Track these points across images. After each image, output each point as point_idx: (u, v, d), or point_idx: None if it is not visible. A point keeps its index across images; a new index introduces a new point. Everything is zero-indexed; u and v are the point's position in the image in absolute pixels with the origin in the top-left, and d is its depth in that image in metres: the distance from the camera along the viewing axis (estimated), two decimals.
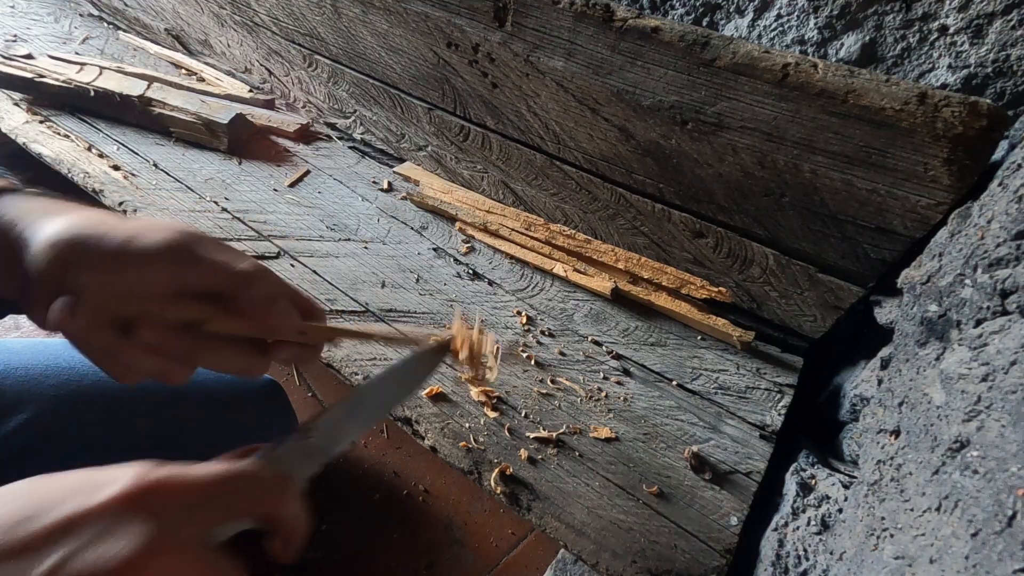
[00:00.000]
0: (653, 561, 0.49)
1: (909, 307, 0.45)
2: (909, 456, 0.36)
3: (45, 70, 0.96)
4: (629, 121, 0.61)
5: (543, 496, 0.52)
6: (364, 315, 0.67)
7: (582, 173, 0.71)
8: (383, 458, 0.82)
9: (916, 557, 0.30)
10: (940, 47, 0.52)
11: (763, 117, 0.53)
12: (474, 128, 0.77)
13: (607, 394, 0.62)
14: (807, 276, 0.61)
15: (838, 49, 0.58)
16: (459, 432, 0.56)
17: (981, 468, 0.27)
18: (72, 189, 1.05)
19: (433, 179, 0.88)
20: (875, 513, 0.37)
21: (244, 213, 0.79)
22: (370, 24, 0.77)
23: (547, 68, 0.63)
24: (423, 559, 0.72)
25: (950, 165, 0.46)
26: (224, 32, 1.00)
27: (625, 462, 0.56)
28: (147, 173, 0.84)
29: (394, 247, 0.78)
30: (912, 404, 0.38)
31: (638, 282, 0.73)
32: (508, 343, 0.66)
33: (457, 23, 0.67)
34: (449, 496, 0.78)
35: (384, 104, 0.86)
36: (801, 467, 0.51)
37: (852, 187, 0.52)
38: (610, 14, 0.56)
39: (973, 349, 0.33)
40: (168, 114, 0.91)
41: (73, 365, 0.51)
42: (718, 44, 0.52)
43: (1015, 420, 0.27)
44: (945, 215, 0.48)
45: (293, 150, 0.94)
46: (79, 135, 0.89)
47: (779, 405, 0.62)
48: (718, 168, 0.59)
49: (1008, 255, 0.34)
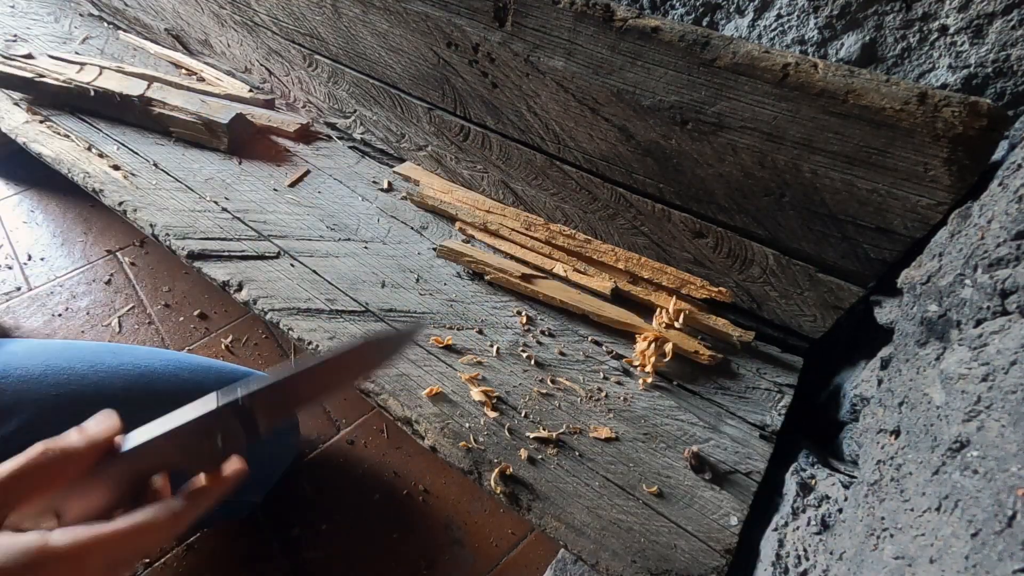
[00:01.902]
0: (653, 561, 0.49)
1: (909, 307, 0.45)
2: (909, 456, 0.36)
3: (45, 70, 0.96)
4: (629, 121, 0.61)
5: (543, 496, 0.52)
6: (364, 315, 0.67)
7: (582, 173, 0.71)
8: (383, 458, 0.82)
9: (916, 557, 0.30)
10: (940, 47, 0.52)
11: (763, 117, 0.53)
12: (474, 128, 0.77)
13: (607, 394, 0.62)
14: (807, 276, 0.61)
15: (838, 49, 0.58)
16: (459, 432, 0.56)
17: (981, 468, 0.27)
18: (72, 189, 1.05)
19: (433, 179, 0.88)
20: (875, 513, 0.37)
21: (244, 213, 0.79)
22: (370, 24, 0.77)
23: (547, 68, 0.63)
24: (423, 559, 0.72)
25: (950, 165, 0.46)
26: (224, 32, 1.00)
27: (625, 462, 0.56)
28: (147, 173, 0.84)
29: (394, 247, 0.78)
30: (912, 404, 0.38)
31: (638, 282, 0.73)
32: (508, 343, 0.66)
33: (457, 23, 0.67)
34: (449, 496, 0.78)
35: (384, 104, 0.86)
36: (801, 467, 0.51)
37: (852, 187, 0.52)
38: (610, 14, 0.56)
39: (973, 349, 0.33)
40: (168, 114, 0.91)
41: (72, 366, 0.51)
42: (718, 44, 0.52)
43: (1015, 420, 0.27)
44: (945, 215, 0.48)
45: (293, 150, 0.94)
46: (79, 135, 0.89)
47: (779, 405, 0.62)
48: (718, 168, 0.59)
49: (1008, 255, 0.34)
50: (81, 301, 1.01)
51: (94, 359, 0.53)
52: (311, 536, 0.73)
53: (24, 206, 1.18)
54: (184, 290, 1.04)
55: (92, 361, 0.53)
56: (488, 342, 0.66)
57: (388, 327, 0.39)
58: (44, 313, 0.98)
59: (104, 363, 0.53)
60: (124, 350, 0.57)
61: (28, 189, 1.22)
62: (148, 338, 0.96)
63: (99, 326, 0.97)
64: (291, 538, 0.73)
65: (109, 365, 0.53)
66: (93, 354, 0.54)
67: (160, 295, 1.03)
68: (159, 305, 1.01)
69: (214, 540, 0.73)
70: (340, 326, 0.65)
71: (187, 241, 0.72)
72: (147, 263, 1.09)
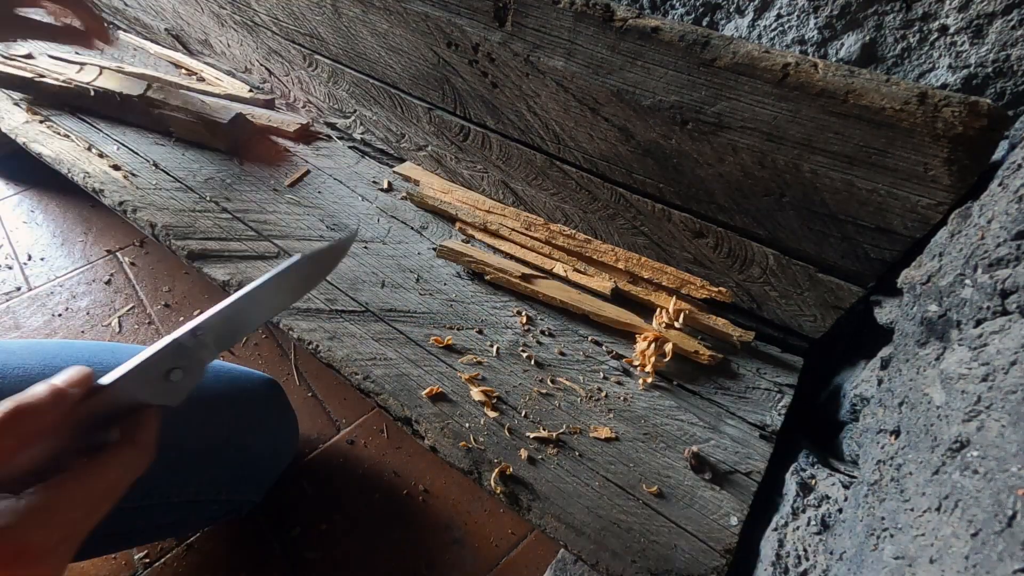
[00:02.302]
0: (653, 561, 0.49)
1: (909, 307, 0.45)
2: (909, 456, 0.36)
3: (45, 70, 0.96)
4: (629, 121, 0.61)
5: (543, 496, 0.52)
6: (364, 315, 0.67)
7: (582, 173, 0.71)
8: (383, 458, 0.82)
9: (916, 557, 0.30)
10: (940, 47, 0.52)
11: (763, 117, 0.53)
12: (474, 128, 0.77)
13: (607, 394, 0.62)
14: (807, 276, 0.61)
15: (838, 49, 0.58)
16: (459, 432, 0.56)
17: (981, 468, 0.27)
18: (72, 189, 1.05)
19: (433, 179, 0.88)
20: (875, 513, 0.37)
21: (244, 213, 0.79)
22: (370, 24, 0.77)
23: (547, 68, 0.63)
24: (423, 559, 0.72)
25: (950, 165, 0.46)
26: (224, 32, 1.00)
27: (625, 462, 0.56)
28: (147, 173, 0.84)
29: (394, 247, 0.78)
30: (912, 404, 0.38)
31: (638, 282, 0.73)
32: (508, 343, 0.66)
33: (457, 23, 0.67)
34: (449, 496, 0.78)
35: (384, 104, 0.86)
36: (801, 467, 0.51)
37: (852, 187, 0.52)
38: (610, 14, 0.56)
39: (973, 349, 0.33)
40: (168, 114, 0.91)
41: (71, 365, 0.51)
42: (718, 44, 0.52)
43: (1015, 420, 0.27)
44: (945, 215, 0.48)
45: (293, 150, 0.94)
46: (79, 135, 0.89)
47: (779, 405, 0.62)
48: (718, 168, 0.59)
49: (1008, 255, 0.34)
50: (81, 301, 1.01)
51: (93, 358, 0.53)
52: (311, 536, 0.73)
53: (24, 206, 1.18)
54: (184, 290, 1.04)
55: (91, 361, 0.53)
56: (488, 342, 0.66)
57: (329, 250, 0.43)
58: (44, 313, 0.98)
59: (103, 363, 0.53)
60: (123, 349, 0.57)
61: (28, 189, 1.22)
62: (148, 338, 0.96)
63: (99, 326, 0.97)
64: (291, 538, 0.73)
65: (108, 364, 0.53)
66: (92, 353, 0.54)
67: (160, 295, 1.03)
68: (159, 305, 1.01)
69: (214, 540, 0.73)
70: (340, 326, 0.65)
71: (187, 241, 0.73)
72: (147, 263, 1.09)
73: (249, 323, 0.41)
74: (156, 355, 0.34)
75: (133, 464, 0.33)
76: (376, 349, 0.63)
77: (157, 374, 0.35)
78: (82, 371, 0.33)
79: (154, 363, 0.34)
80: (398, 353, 0.63)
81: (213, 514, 0.63)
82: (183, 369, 0.36)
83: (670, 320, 0.68)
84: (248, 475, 0.63)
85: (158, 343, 0.35)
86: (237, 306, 0.38)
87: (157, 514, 0.56)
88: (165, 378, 0.35)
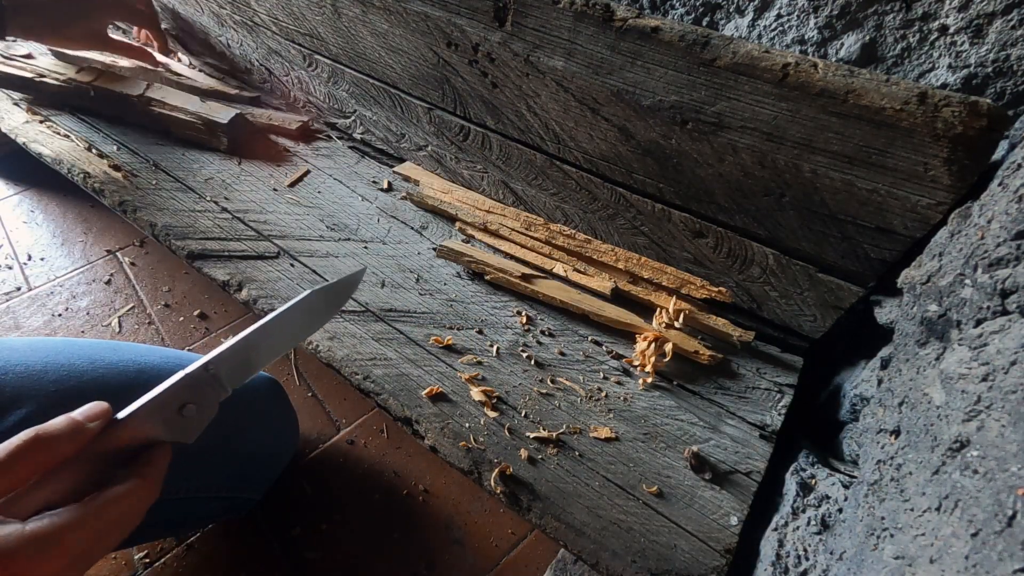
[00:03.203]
0: (653, 561, 0.49)
1: (909, 307, 0.45)
2: (909, 456, 0.36)
3: (45, 70, 0.97)
4: (629, 121, 0.61)
5: (543, 496, 0.52)
6: (364, 315, 0.67)
7: (582, 173, 0.71)
8: (383, 458, 0.82)
9: (916, 557, 0.30)
10: (940, 47, 0.52)
11: (763, 117, 0.53)
12: (474, 128, 0.77)
13: (607, 394, 0.62)
14: (807, 276, 0.61)
15: (838, 49, 0.58)
16: (459, 432, 0.56)
17: (981, 468, 0.27)
18: (72, 189, 1.05)
19: (433, 179, 0.88)
20: (875, 513, 0.37)
21: (244, 213, 0.79)
22: (370, 24, 0.77)
23: (547, 68, 0.63)
24: (423, 559, 0.72)
25: (950, 165, 0.46)
26: (224, 32, 1.00)
27: (625, 462, 0.56)
28: (147, 173, 0.84)
29: (394, 247, 0.78)
30: (912, 404, 0.38)
31: (638, 282, 0.73)
32: (508, 343, 0.66)
33: (457, 23, 0.67)
34: (449, 496, 0.78)
35: (384, 104, 0.86)
36: (801, 467, 0.51)
37: (852, 187, 0.52)
38: (610, 14, 0.56)
39: (973, 349, 0.33)
40: (168, 114, 0.91)
41: (72, 362, 0.51)
42: (718, 44, 0.52)
43: (1015, 420, 0.27)
44: (945, 215, 0.48)
45: (293, 150, 0.94)
46: (79, 135, 0.89)
47: (779, 405, 0.62)
48: (718, 168, 0.59)
49: (1008, 255, 0.34)
50: (81, 301, 1.01)
51: (94, 355, 0.53)
52: (311, 536, 0.73)
53: (24, 206, 1.18)
54: (184, 290, 1.04)
55: (92, 357, 0.53)
56: (488, 342, 0.66)
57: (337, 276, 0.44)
58: (44, 313, 0.98)
59: (104, 359, 0.53)
60: (124, 347, 0.57)
61: (28, 189, 1.22)
62: (148, 338, 0.96)
63: (99, 326, 0.97)
64: (291, 538, 0.73)
65: (109, 361, 0.53)
66: (93, 351, 0.54)
67: (160, 295, 1.03)
68: (159, 305, 1.01)
69: (214, 540, 0.73)
70: (340, 326, 0.65)
71: (187, 241, 0.73)
72: (147, 263, 1.09)
73: (261, 358, 0.41)
74: (170, 389, 0.35)
75: (140, 499, 0.33)
76: (376, 349, 0.63)
77: (171, 409, 0.35)
78: (100, 406, 0.33)
79: (168, 397, 0.35)
80: (398, 353, 0.63)
81: (213, 512, 0.63)
82: (196, 404, 0.36)
83: (670, 320, 0.68)
84: (248, 473, 0.63)
85: (171, 378, 0.35)
86: (249, 341, 0.39)
87: (157, 512, 0.55)
88: (179, 413, 0.36)
